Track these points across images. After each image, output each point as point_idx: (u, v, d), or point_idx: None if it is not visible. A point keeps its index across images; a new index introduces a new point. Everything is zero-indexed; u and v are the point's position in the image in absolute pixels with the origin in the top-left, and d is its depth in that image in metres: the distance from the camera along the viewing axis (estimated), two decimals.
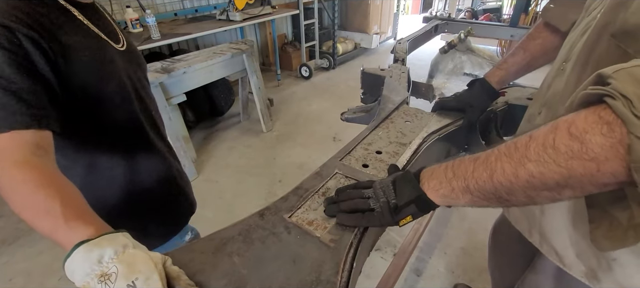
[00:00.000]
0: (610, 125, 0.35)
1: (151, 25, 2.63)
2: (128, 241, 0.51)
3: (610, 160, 0.35)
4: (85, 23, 0.74)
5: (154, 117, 0.97)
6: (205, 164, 2.80)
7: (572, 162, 0.37)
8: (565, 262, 0.68)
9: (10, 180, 0.52)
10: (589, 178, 0.37)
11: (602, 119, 0.35)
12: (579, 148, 0.36)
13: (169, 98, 2.33)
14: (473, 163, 0.49)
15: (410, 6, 8.98)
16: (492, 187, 0.46)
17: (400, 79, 1.46)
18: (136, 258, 0.48)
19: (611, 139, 0.34)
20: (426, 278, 1.79)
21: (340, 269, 0.61)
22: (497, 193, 0.46)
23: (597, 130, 0.35)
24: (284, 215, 0.74)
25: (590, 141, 0.36)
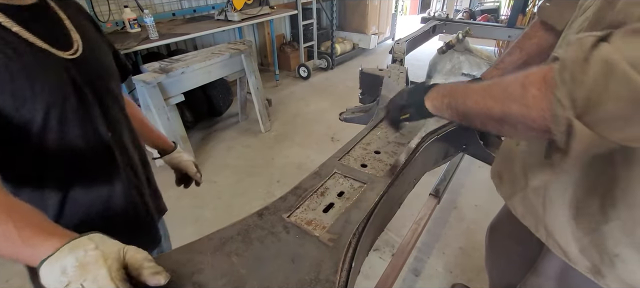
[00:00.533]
0: (547, 83, 0.43)
1: (149, 25, 2.62)
2: (91, 243, 0.48)
3: (535, 108, 0.44)
4: (15, 30, 0.60)
5: (123, 141, 0.80)
6: (204, 164, 2.80)
7: (514, 104, 0.47)
8: (570, 257, 0.68)
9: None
10: (520, 119, 0.47)
11: (545, 77, 0.43)
12: (521, 95, 0.46)
13: (167, 98, 2.33)
14: (463, 87, 0.62)
15: (408, 7, 8.99)
16: (464, 110, 0.60)
17: (399, 79, 1.46)
18: (88, 258, 0.46)
19: (541, 93, 0.43)
20: (424, 278, 1.79)
21: (339, 268, 0.61)
22: (465, 115, 0.60)
23: (536, 85, 0.44)
24: (283, 214, 0.74)
25: (529, 91, 0.45)
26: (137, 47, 2.51)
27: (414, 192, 1.21)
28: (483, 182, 2.45)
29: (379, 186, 0.83)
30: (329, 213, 0.76)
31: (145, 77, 2.19)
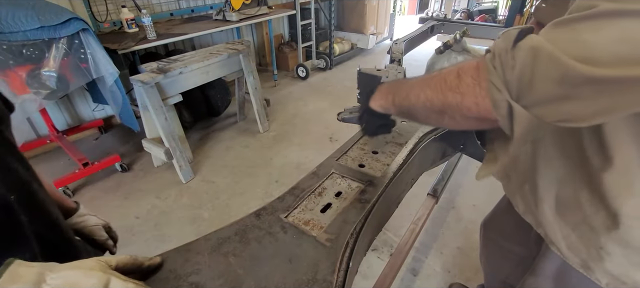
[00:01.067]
0: (479, 71, 0.45)
1: (147, 25, 2.61)
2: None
3: (469, 96, 0.46)
4: None
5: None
6: (202, 165, 2.79)
7: (450, 93, 0.49)
8: (563, 253, 0.69)
9: None
10: (456, 109, 0.49)
11: (477, 66, 0.46)
12: (457, 84, 0.48)
13: (165, 98, 2.32)
14: (404, 83, 0.64)
15: (406, 7, 9.00)
16: (407, 105, 0.61)
17: (397, 79, 1.47)
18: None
19: (474, 80, 0.46)
20: (422, 278, 1.79)
21: (337, 269, 0.61)
22: (409, 110, 0.61)
23: (470, 73, 0.47)
24: (281, 215, 0.74)
25: (464, 80, 0.47)
26: (135, 47, 2.51)
27: (412, 192, 1.22)
28: (481, 182, 2.45)
29: (377, 186, 0.83)
30: (327, 213, 0.76)
31: (143, 77, 2.18)
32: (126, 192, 2.47)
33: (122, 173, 2.67)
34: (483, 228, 1.23)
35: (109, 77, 2.09)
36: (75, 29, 1.91)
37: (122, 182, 2.58)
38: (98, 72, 2.06)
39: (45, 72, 1.93)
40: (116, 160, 2.61)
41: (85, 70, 2.03)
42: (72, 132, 3.00)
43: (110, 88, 2.16)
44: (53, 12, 1.88)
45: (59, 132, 2.84)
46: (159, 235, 2.09)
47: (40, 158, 2.87)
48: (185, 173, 2.54)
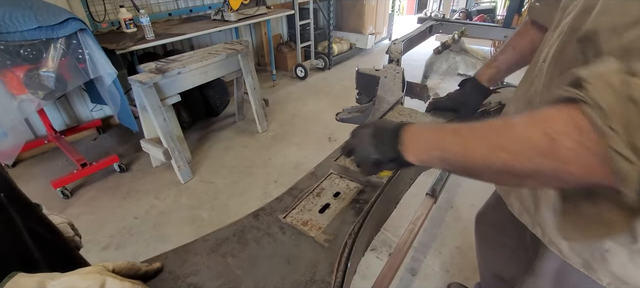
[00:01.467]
0: (581, 131, 0.37)
1: (145, 25, 2.61)
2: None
3: (576, 164, 0.38)
4: None
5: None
6: (201, 165, 2.79)
7: (542, 159, 0.40)
8: (564, 253, 0.68)
9: None
10: (553, 175, 0.40)
11: (575, 123, 0.37)
12: (551, 149, 0.39)
13: (163, 98, 2.32)
14: (452, 136, 0.52)
15: (405, 7, 9.01)
16: (466, 164, 0.50)
17: (395, 79, 1.47)
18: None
19: (581, 146, 0.37)
20: (421, 278, 1.80)
21: (335, 269, 0.61)
22: (469, 170, 0.50)
23: (570, 134, 0.38)
24: (279, 215, 0.75)
25: (562, 144, 0.38)
26: (133, 47, 2.50)
27: (411, 192, 1.22)
28: (479, 182, 2.46)
29: (375, 187, 0.83)
30: (325, 213, 0.76)
31: (141, 77, 2.18)
32: (125, 193, 2.47)
33: (121, 173, 2.67)
34: (476, 221, 1.23)
35: (107, 77, 2.09)
36: (73, 29, 1.91)
37: (121, 183, 2.57)
38: (96, 72, 2.06)
39: (43, 72, 1.92)
40: (114, 160, 2.60)
41: (83, 70, 2.03)
42: (70, 133, 2.99)
43: (108, 88, 2.15)
44: (51, 12, 1.88)
45: (57, 133, 2.83)
46: (158, 236, 2.09)
47: (38, 159, 2.86)
48: (183, 174, 2.54)
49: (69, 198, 2.39)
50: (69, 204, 2.35)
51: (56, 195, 2.37)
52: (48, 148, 2.94)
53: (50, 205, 2.44)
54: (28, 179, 2.62)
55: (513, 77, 1.09)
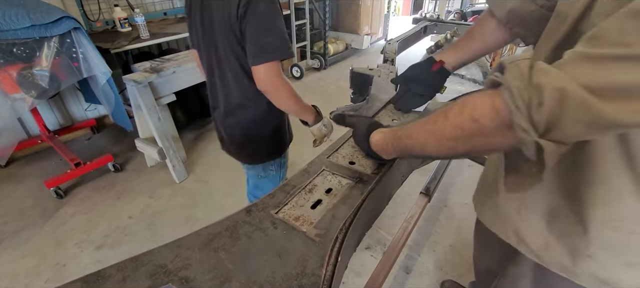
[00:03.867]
0: (498, 111, 0.46)
1: (140, 24, 2.60)
2: (326, 118, 1.30)
3: (496, 135, 0.48)
4: None
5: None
6: (196, 164, 2.79)
7: (474, 138, 0.51)
8: (543, 260, 0.70)
9: (288, 88, 1.14)
10: (485, 147, 0.51)
11: (494, 106, 0.46)
12: (478, 129, 0.49)
13: (158, 98, 2.32)
14: (408, 139, 0.67)
15: (401, 7, 9.05)
16: (422, 153, 0.66)
17: (389, 79, 1.48)
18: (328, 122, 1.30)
19: (497, 122, 0.46)
20: (415, 276, 1.81)
21: (325, 263, 0.62)
22: (426, 156, 0.70)
23: (488, 115, 0.47)
24: (271, 211, 0.75)
25: (484, 123, 0.48)
26: (128, 47, 2.50)
27: (405, 190, 1.23)
28: (473, 180, 2.47)
29: (367, 183, 0.84)
30: (317, 209, 0.77)
31: (135, 76, 2.17)
32: (119, 192, 2.46)
33: (115, 173, 2.66)
34: (477, 220, 1.25)
35: (101, 77, 2.08)
36: (66, 28, 1.90)
37: (115, 182, 2.56)
38: (90, 71, 2.05)
39: (36, 71, 1.91)
40: (109, 160, 2.59)
41: (77, 69, 2.02)
42: (64, 132, 2.97)
43: (102, 87, 2.14)
44: (44, 11, 1.87)
45: (51, 132, 2.82)
46: (153, 235, 2.08)
47: (31, 159, 2.84)
48: (179, 173, 2.54)
49: (63, 198, 2.38)
50: (62, 204, 2.33)
51: (50, 195, 2.35)
52: (41, 147, 2.92)
53: (44, 205, 2.42)
54: (21, 179, 2.60)
55: None
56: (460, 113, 0.52)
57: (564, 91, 0.39)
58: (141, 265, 0.62)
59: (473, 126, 0.49)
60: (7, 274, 1.85)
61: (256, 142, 1.32)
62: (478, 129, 0.49)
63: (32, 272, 1.86)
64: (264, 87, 1.09)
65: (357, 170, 0.90)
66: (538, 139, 0.42)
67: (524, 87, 0.42)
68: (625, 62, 0.37)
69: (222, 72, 1.18)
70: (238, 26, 1.02)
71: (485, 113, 0.48)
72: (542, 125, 0.41)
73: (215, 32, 1.09)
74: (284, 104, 1.16)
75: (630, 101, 0.36)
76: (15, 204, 2.34)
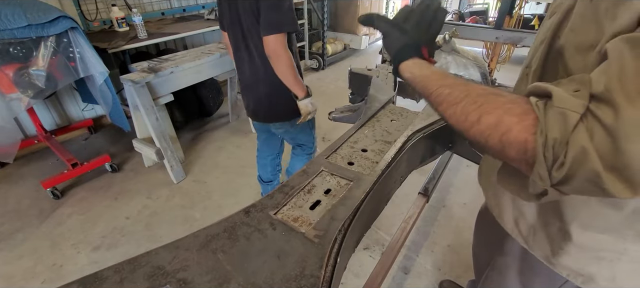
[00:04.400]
0: (526, 150, 0.43)
1: (138, 24, 2.59)
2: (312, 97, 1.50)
3: (513, 160, 0.46)
4: None
5: None
6: (194, 165, 2.78)
7: (491, 148, 0.47)
8: (530, 247, 0.75)
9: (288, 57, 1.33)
10: (496, 156, 0.49)
11: (526, 144, 0.43)
12: (500, 150, 0.46)
13: (156, 98, 2.30)
14: (438, 103, 0.57)
15: (399, 8, 9.06)
16: (442, 117, 0.57)
17: (387, 79, 1.48)
18: (315, 101, 1.51)
19: (521, 158, 0.44)
20: (413, 276, 1.81)
21: (324, 264, 0.62)
22: (444, 115, 0.56)
23: (516, 149, 0.44)
24: (270, 212, 0.75)
25: (509, 152, 0.45)
26: (126, 47, 2.49)
27: (404, 191, 1.23)
28: (471, 181, 2.49)
29: (365, 183, 0.84)
30: (316, 210, 0.77)
31: (133, 76, 2.16)
32: (116, 193, 2.45)
33: (113, 173, 2.65)
34: (478, 215, 1.26)
35: (98, 77, 2.07)
36: (63, 28, 1.89)
37: (113, 183, 2.55)
38: (87, 71, 2.04)
39: (33, 71, 1.90)
40: (106, 160, 2.58)
41: (74, 69, 2.01)
42: (60, 132, 2.96)
43: (100, 87, 2.13)
44: (41, 10, 1.86)
45: (47, 132, 2.80)
46: (150, 236, 2.07)
47: (28, 159, 2.82)
48: (176, 174, 2.53)
49: (60, 198, 2.36)
50: (59, 204, 2.32)
51: (46, 196, 2.34)
52: (38, 148, 2.90)
53: (40, 206, 2.41)
54: (17, 179, 2.58)
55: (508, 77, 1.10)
56: (493, 127, 0.47)
57: (585, 153, 0.38)
58: (139, 266, 0.61)
59: (497, 146, 0.47)
60: (3, 275, 1.84)
61: (281, 102, 1.54)
62: (500, 150, 0.47)
63: (29, 273, 1.85)
64: (270, 52, 1.32)
65: (355, 171, 0.90)
66: (548, 188, 0.42)
67: (561, 143, 0.40)
68: (623, 129, 0.36)
69: (247, 46, 1.44)
70: (256, 7, 1.28)
71: (515, 144, 0.45)
72: (557, 180, 0.41)
73: (240, 13, 1.37)
74: (282, 71, 1.37)
75: (629, 173, 0.36)
76: (11, 205, 2.32)
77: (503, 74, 3.75)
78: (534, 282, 0.81)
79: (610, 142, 0.36)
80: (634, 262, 0.62)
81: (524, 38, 2.41)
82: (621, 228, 0.60)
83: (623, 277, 0.64)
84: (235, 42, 1.47)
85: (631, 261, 0.62)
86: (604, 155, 0.37)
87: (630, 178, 0.36)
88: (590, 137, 0.38)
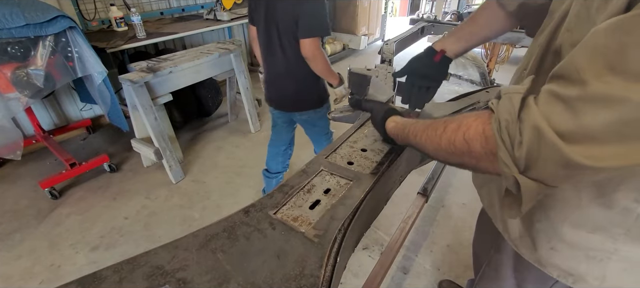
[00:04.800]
0: (487, 139, 0.47)
1: (136, 23, 2.59)
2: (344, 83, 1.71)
3: (484, 160, 0.49)
4: None
5: None
6: (193, 165, 2.77)
7: (464, 157, 0.53)
8: (519, 249, 0.76)
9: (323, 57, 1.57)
10: (474, 166, 0.53)
11: (484, 133, 0.48)
12: (468, 150, 0.51)
13: (154, 98, 2.30)
14: (413, 137, 0.69)
15: (398, 8, 9.07)
16: (423, 152, 0.67)
17: (386, 79, 1.48)
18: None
19: (486, 149, 0.48)
20: (413, 276, 1.81)
21: (324, 264, 0.62)
22: (423, 155, 0.71)
23: (478, 141, 0.49)
24: (269, 211, 0.75)
25: (474, 147, 0.50)
26: (124, 46, 2.48)
27: (403, 191, 1.22)
28: (469, 181, 2.48)
29: (365, 183, 0.84)
30: (315, 210, 0.76)
31: (132, 76, 2.16)
32: (115, 193, 2.44)
33: (111, 173, 2.64)
34: (480, 213, 1.27)
35: (97, 76, 2.07)
36: (62, 27, 1.89)
37: (111, 183, 2.54)
38: (85, 70, 2.03)
39: (31, 70, 1.90)
40: (104, 160, 2.57)
41: (72, 68, 2.01)
42: (59, 132, 2.95)
43: (98, 87, 2.13)
44: (39, 10, 1.85)
45: (46, 132, 2.79)
46: (149, 236, 2.07)
47: (26, 159, 2.81)
48: (175, 174, 2.52)
49: (58, 198, 2.36)
50: (57, 204, 2.31)
51: (44, 196, 2.33)
52: (36, 148, 2.89)
53: (38, 206, 2.40)
54: (15, 179, 2.57)
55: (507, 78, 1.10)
56: (456, 130, 0.53)
57: (539, 130, 0.39)
58: (138, 266, 0.61)
59: (464, 146, 0.51)
60: (1, 276, 1.83)
61: (307, 93, 1.75)
62: (468, 150, 0.51)
63: (27, 273, 1.84)
64: (307, 54, 1.51)
65: (355, 171, 0.90)
66: (517, 176, 0.43)
67: (512, 122, 0.43)
68: (587, 104, 0.36)
69: (281, 44, 1.59)
70: (295, 12, 1.45)
71: (476, 137, 0.49)
72: (522, 163, 0.42)
73: (278, 15, 1.51)
74: (318, 68, 1.59)
75: (593, 145, 0.36)
76: (9, 205, 2.31)
77: (502, 74, 3.76)
78: (527, 279, 0.82)
79: (569, 115, 0.37)
80: (624, 261, 0.62)
81: (522, 38, 2.41)
82: (611, 227, 0.60)
83: (613, 276, 0.64)
84: (269, 39, 1.62)
85: (621, 260, 0.62)
86: (562, 127, 0.38)
87: (591, 148, 0.36)
88: (544, 113, 0.39)
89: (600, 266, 0.64)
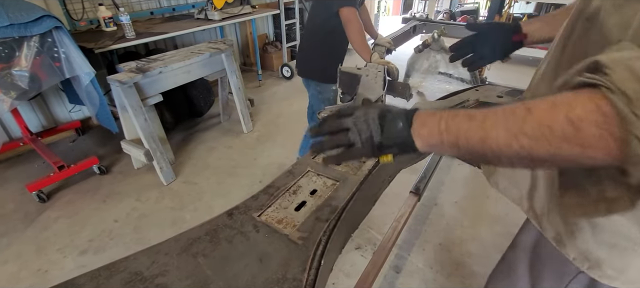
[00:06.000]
0: (606, 118, 0.36)
1: (125, 23, 2.55)
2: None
3: (596, 147, 0.38)
4: None
5: None
6: (184, 166, 2.74)
7: (564, 144, 0.40)
8: (542, 226, 0.71)
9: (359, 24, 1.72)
10: (573, 158, 0.40)
11: (599, 110, 0.37)
12: (574, 134, 0.39)
13: (144, 98, 2.27)
14: (468, 121, 0.49)
15: (391, 7, 9.09)
16: (482, 150, 0.47)
17: (377, 78, 1.47)
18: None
19: (604, 131, 0.37)
20: (405, 275, 1.81)
21: (308, 267, 0.61)
22: (484, 156, 0.47)
23: (593, 120, 0.37)
24: (254, 213, 0.74)
25: (585, 130, 0.38)
26: (113, 47, 2.44)
27: (395, 190, 1.22)
28: (462, 179, 2.50)
29: (351, 184, 0.83)
30: (301, 211, 0.75)
31: (120, 76, 2.12)
32: (105, 195, 2.40)
33: (101, 175, 2.60)
34: None
35: (84, 77, 2.03)
36: (47, 27, 1.85)
37: (101, 185, 2.51)
38: (72, 71, 2.00)
39: (15, 71, 1.85)
40: (94, 162, 2.53)
41: (59, 69, 1.97)
42: (47, 134, 2.89)
43: (86, 88, 2.09)
44: (24, 9, 1.81)
45: (33, 134, 2.74)
46: (139, 239, 2.04)
47: (12, 162, 2.76)
48: (166, 175, 2.49)
49: (46, 202, 2.31)
50: (45, 208, 2.27)
51: (32, 199, 2.29)
52: (23, 150, 2.84)
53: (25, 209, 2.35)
54: (2, 183, 2.52)
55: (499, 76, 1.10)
56: (550, 110, 0.41)
57: None
58: (116, 272, 0.59)
59: (568, 130, 0.39)
60: None
61: (312, 63, 2.02)
62: (573, 134, 0.39)
63: (13, 278, 1.80)
64: (344, 19, 1.70)
65: (342, 171, 0.89)
66: None
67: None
68: None
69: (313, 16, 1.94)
70: None
71: (587, 116, 0.38)
72: None
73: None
74: (352, 35, 1.72)
75: None
76: None
77: (494, 72, 3.77)
78: (543, 276, 0.77)
79: None
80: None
81: None
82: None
83: (634, 271, 0.57)
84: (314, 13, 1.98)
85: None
86: None
87: None
88: None
89: (622, 256, 0.58)
